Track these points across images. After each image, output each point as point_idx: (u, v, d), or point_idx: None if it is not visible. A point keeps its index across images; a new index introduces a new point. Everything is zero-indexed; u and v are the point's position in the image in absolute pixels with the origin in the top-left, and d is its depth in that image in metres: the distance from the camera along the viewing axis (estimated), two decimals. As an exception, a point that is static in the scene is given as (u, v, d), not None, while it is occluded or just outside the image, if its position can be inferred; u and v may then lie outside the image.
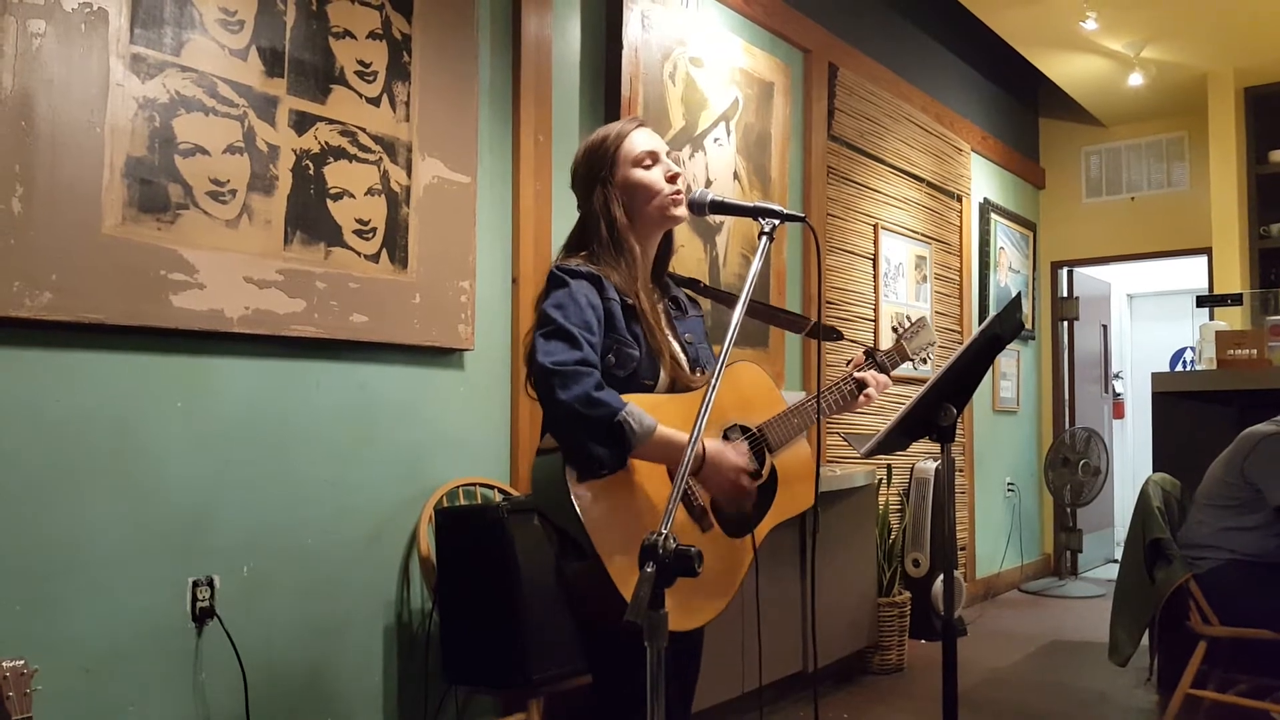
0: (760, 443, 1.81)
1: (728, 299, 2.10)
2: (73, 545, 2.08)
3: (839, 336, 2.14)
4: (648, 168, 1.82)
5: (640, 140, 1.83)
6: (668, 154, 1.86)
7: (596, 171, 1.82)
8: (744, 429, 1.82)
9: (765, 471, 1.81)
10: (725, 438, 1.78)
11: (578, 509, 1.56)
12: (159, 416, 2.24)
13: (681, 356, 1.82)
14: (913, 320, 2.14)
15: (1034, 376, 6.95)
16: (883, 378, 1.98)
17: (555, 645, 2.42)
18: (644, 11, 3.49)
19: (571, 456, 1.59)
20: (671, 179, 1.83)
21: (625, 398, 1.61)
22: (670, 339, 1.82)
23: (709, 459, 1.67)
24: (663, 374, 1.75)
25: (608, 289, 1.73)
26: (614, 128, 1.86)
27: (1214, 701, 3.18)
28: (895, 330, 2.12)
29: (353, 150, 2.61)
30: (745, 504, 1.74)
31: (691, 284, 2.02)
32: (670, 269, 1.98)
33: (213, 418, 2.33)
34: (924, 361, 2.12)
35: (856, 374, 1.97)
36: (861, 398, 1.96)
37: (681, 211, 1.84)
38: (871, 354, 2.02)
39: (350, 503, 2.62)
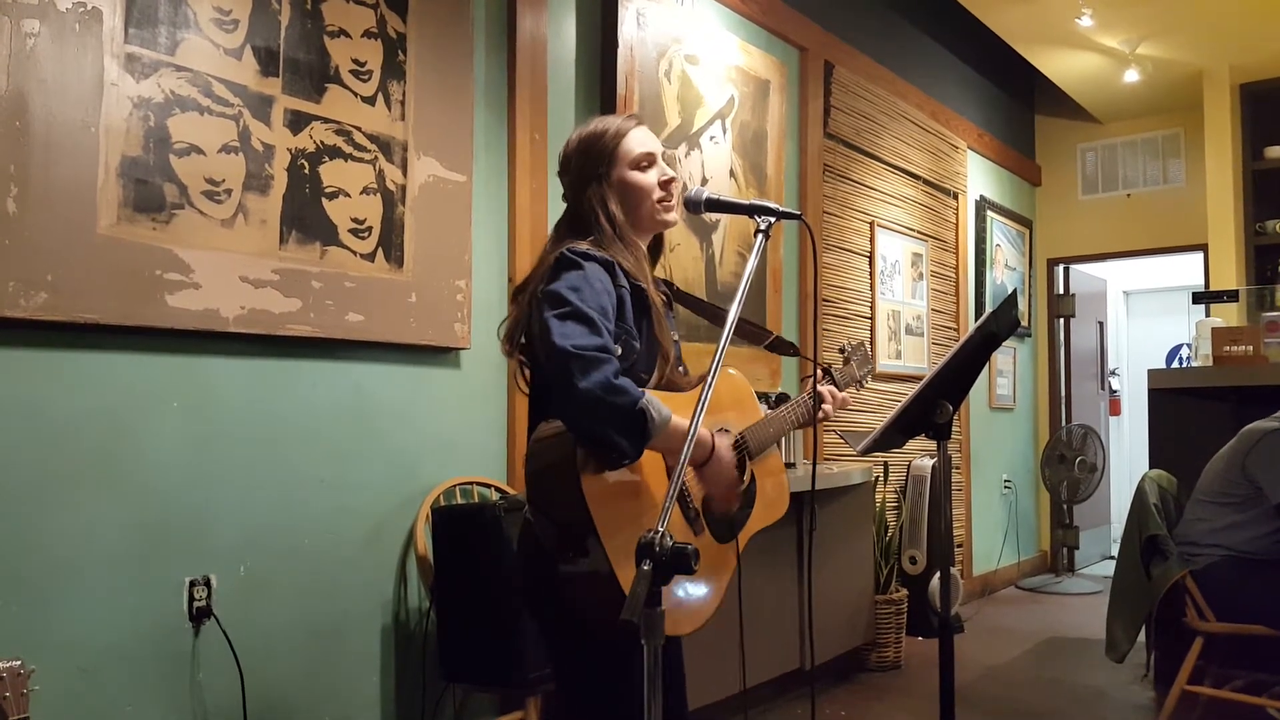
0: (742, 448, 1.81)
1: (696, 304, 2.08)
2: (69, 545, 2.08)
3: (796, 353, 2.13)
4: (644, 170, 1.80)
5: (639, 140, 1.81)
6: (663, 155, 1.85)
7: (593, 168, 1.78)
8: (727, 433, 1.81)
9: (745, 478, 1.81)
10: None
11: (587, 503, 1.52)
12: (155, 416, 2.24)
13: (673, 352, 1.82)
14: (853, 345, 2.13)
15: (1030, 374, 6.96)
16: (841, 395, 1.97)
17: (547, 651, 2.42)
18: (639, 9, 3.49)
19: (590, 445, 1.54)
20: (665, 184, 1.81)
21: None
22: (668, 335, 1.81)
23: (716, 452, 1.66)
24: (658, 368, 1.74)
25: (619, 276, 1.70)
26: (612, 123, 1.82)
27: (1210, 697, 3.19)
28: (842, 352, 2.12)
29: (348, 149, 2.60)
30: (733, 504, 1.72)
31: (666, 285, 2.00)
32: (667, 267, 1.97)
33: (209, 417, 2.33)
34: (860, 387, 2.12)
35: (820, 387, 1.95)
36: (820, 414, 1.95)
37: (673, 217, 1.83)
38: (828, 371, 2.02)
39: (347, 502, 2.62)
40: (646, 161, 1.81)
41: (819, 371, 1.99)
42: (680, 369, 1.84)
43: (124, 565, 2.17)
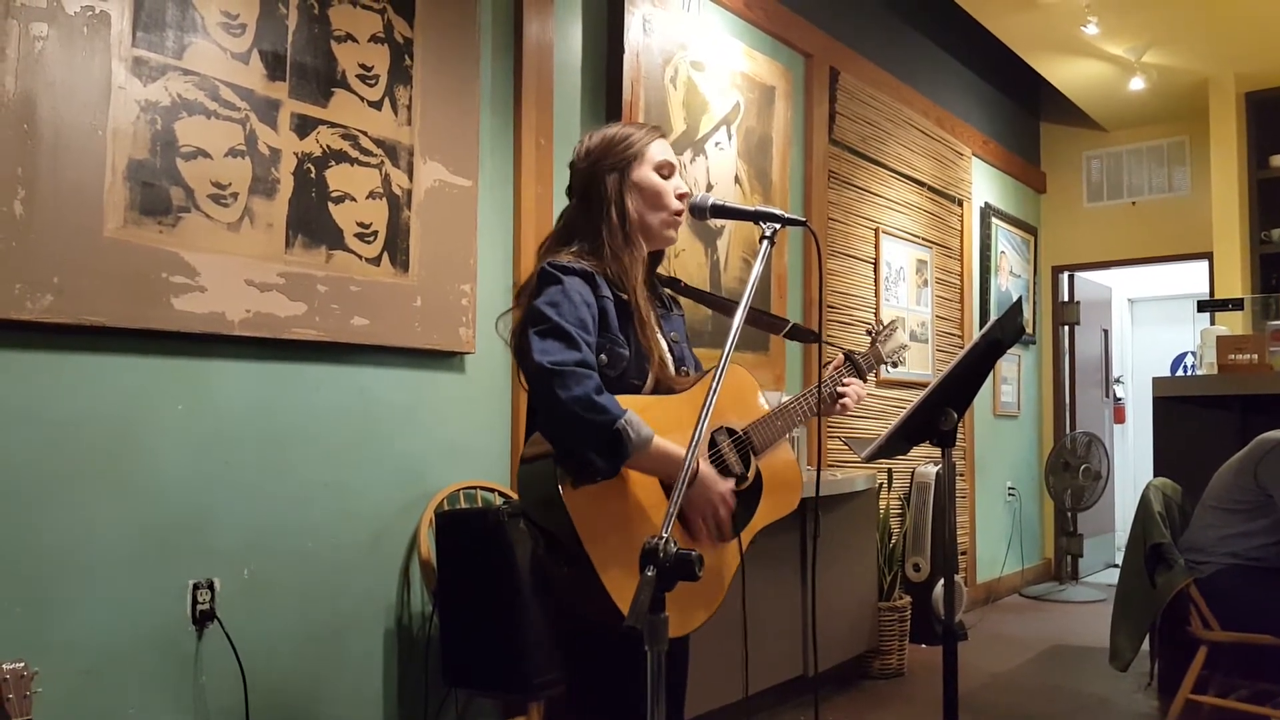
0: (746, 445, 1.80)
1: (709, 299, 2.09)
2: (73, 547, 2.09)
3: (816, 339, 2.13)
4: (665, 177, 1.81)
5: (663, 149, 1.83)
6: (680, 173, 1.86)
7: (616, 161, 1.78)
8: (730, 431, 1.81)
9: (751, 474, 1.80)
10: (714, 441, 1.78)
11: (570, 514, 1.53)
12: (160, 419, 2.24)
13: (668, 357, 1.81)
14: (885, 324, 2.13)
15: (1035, 381, 6.95)
16: (862, 391, 1.97)
17: (555, 649, 2.42)
18: (645, 15, 3.49)
19: (566, 460, 1.55)
20: (681, 196, 1.82)
21: (619, 400, 1.59)
22: (660, 338, 1.80)
23: (701, 478, 1.65)
24: (650, 374, 1.73)
25: (601, 286, 1.70)
26: (638, 128, 1.83)
27: (1214, 706, 3.18)
28: (869, 333, 2.11)
29: (354, 154, 2.61)
30: (715, 531, 1.70)
31: (672, 283, 2.00)
32: (671, 272, 1.97)
33: (213, 420, 2.34)
34: (895, 366, 2.11)
35: (839, 387, 1.95)
36: (838, 407, 1.94)
37: (676, 234, 1.84)
38: (850, 356, 2.01)
39: (351, 506, 2.62)
40: (668, 170, 1.82)
41: (843, 357, 2.00)
42: (684, 369, 1.83)
43: (128, 568, 2.17)
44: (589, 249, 1.75)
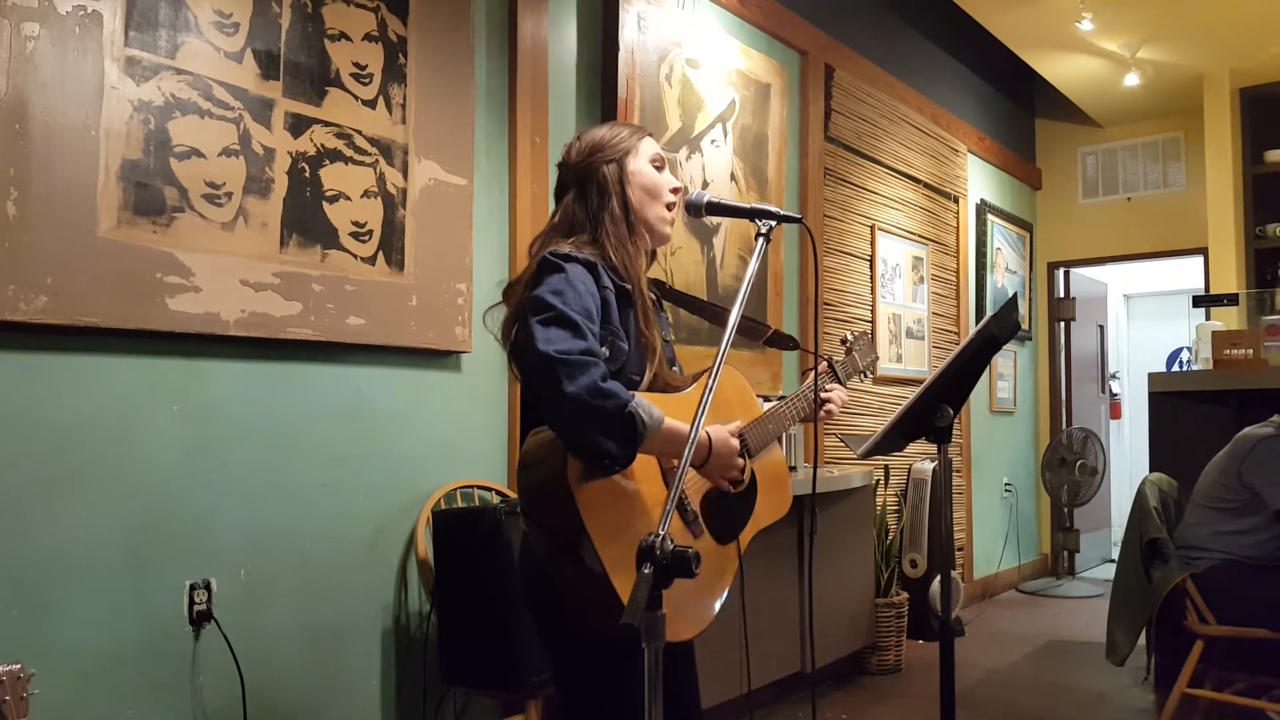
0: (742, 446, 1.80)
1: (692, 303, 2.08)
2: (69, 549, 2.08)
3: (796, 345, 2.12)
4: (658, 169, 1.81)
5: (654, 145, 1.83)
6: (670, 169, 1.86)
7: (611, 153, 1.77)
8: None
9: (746, 477, 1.80)
10: None
11: (580, 509, 1.51)
12: (155, 419, 2.24)
13: (663, 350, 1.80)
14: (855, 335, 2.13)
15: (1031, 377, 6.96)
16: (845, 396, 1.98)
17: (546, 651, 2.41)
18: (640, 13, 3.49)
19: (578, 451, 1.51)
20: (675, 190, 1.81)
21: None
22: (656, 334, 1.79)
23: (715, 445, 1.64)
24: (649, 370, 1.71)
25: (603, 277, 1.67)
26: (626, 127, 1.83)
27: (1211, 700, 3.18)
28: (844, 342, 2.11)
29: (349, 153, 2.61)
30: (740, 484, 1.72)
31: (658, 285, 1.99)
32: (668, 269, 1.97)
33: (209, 421, 2.33)
34: (865, 376, 2.12)
35: (823, 394, 1.95)
36: (822, 412, 1.94)
37: (670, 231, 1.84)
38: (832, 364, 2.01)
39: (347, 505, 2.62)
40: (660, 162, 1.81)
41: (821, 364, 1.99)
42: (675, 369, 1.83)
43: (124, 569, 2.17)
44: (589, 239, 1.73)
